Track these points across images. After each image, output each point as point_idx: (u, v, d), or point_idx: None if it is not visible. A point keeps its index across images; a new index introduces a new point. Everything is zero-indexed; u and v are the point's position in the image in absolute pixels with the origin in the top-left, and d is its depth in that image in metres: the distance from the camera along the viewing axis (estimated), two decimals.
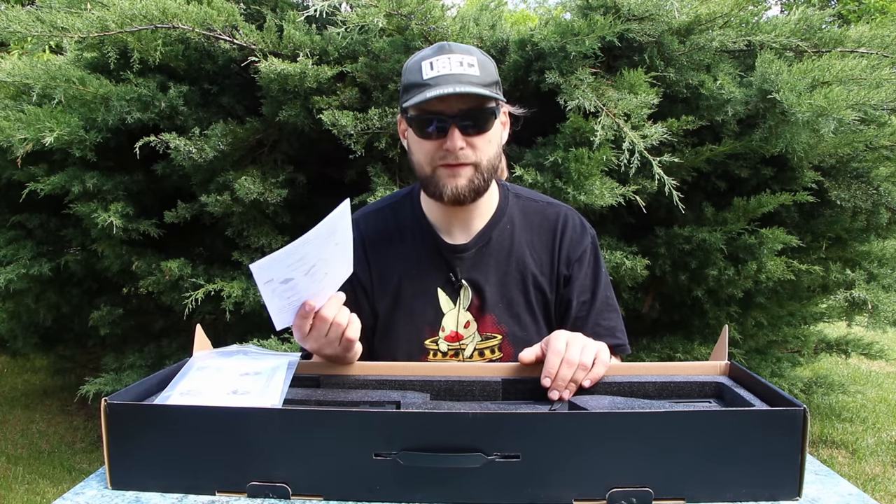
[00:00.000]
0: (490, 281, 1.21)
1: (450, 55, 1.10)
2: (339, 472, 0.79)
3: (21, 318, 3.52)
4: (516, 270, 1.21)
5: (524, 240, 1.23)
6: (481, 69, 1.10)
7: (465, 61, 1.10)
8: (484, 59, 1.14)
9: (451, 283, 1.20)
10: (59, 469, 3.15)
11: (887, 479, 3.03)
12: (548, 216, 1.25)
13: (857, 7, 12.43)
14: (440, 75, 1.09)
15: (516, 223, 1.24)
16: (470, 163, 1.12)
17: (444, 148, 1.11)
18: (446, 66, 1.09)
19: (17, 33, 2.31)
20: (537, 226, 1.24)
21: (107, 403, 0.81)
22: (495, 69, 1.15)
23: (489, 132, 1.12)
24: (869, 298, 2.88)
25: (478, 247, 1.21)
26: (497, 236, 1.22)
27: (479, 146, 1.11)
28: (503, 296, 1.20)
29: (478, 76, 1.09)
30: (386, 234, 1.26)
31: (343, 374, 1.02)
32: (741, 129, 2.49)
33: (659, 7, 2.32)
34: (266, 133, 2.62)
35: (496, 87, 1.13)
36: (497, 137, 1.16)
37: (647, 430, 0.76)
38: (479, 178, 1.13)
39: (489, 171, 1.14)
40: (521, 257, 1.22)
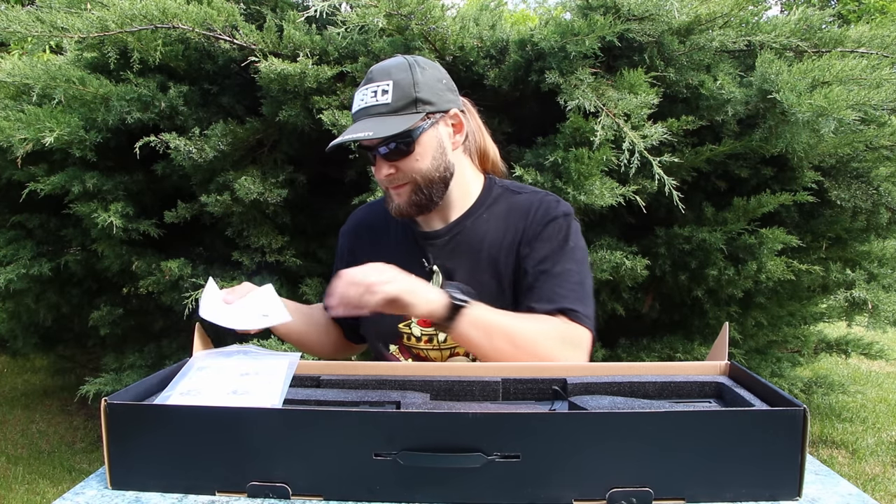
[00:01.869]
0: (461, 267, 1.22)
1: (368, 85, 1.15)
2: (339, 472, 0.79)
3: (21, 318, 3.52)
4: (489, 256, 1.21)
5: (500, 227, 1.23)
6: (394, 93, 1.12)
7: (379, 88, 1.13)
8: (403, 76, 1.14)
9: (423, 269, 1.23)
10: (59, 469, 3.15)
11: (887, 479, 3.04)
12: (526, 203, 1.25)
13: (857, 7, 12.43)
14: (357, 110, 1.15)
15: (495, 213, 1.25)
16: (405, 183, 1.17)
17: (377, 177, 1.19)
18: (364, 98, 1.15)
19: (17, 33, 2.31)
20: (515, 213, 1.24)
21: (107, 403, 0.81)
22: (420, 83, 1.14)
23: (414, 152, 1.14)
24: (869, 298, 2.88)
25: (451, 234, 1.24)
26: (471, 224, 1.24)
27: (406, 168, 1.15)
28: (474, 281, 1.21)
29: (388, 104, 1.12)
30: (374, 224, 1.34)
31: (343, 374, 1.02)
32: (741, 129, 2.49)
33: (659, 7, 2.32)
34: (266, 133, 2.62)
35: (413, 106, 1.13)
36: (430, 151, 1.16)
37: (647, 430, 0.76)
38: (420, 194, 1.17)
39: (431, 183, 1.17)
40: (494, 243, 1.22)
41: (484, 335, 1.07)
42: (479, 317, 1.08)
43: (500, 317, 1.11)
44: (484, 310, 1.10)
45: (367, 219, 1.37)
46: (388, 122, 1.11)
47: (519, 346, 1.08)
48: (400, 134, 1.12)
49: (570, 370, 1.00)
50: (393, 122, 1.11)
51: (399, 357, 1.27)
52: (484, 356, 1.09)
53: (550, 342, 1.10)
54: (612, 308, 2.69)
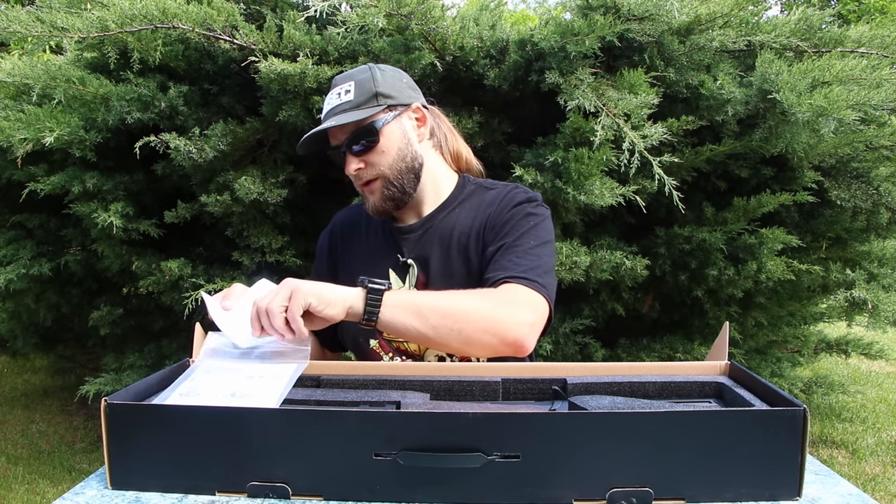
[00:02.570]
0: (434, 257, 1.24)
1: (333, 88, 1.22)
2: (339, 472, 0.79)
3: (21, 318, 3.52)
4: (458, 243, 1.24)
5: (469, 216, 1.26)
6: (356, 91, 1.19)
7: (343, 90, 1.20)
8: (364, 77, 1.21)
9: (400, 263, 1.26)
10: (59, 469, 3.15)
11: (887, 479, 3.04)
12: (496, 194, 1.28)
13: (857, 7, 12.43)
14: (324, 114, 1.21)
15: (466, 206, 1.28)
16: (374, 178, 1.21)
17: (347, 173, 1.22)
18: (329, 102, 1.21)
19: (17, 33, 2.31)
20: (485, 204, 1.27)
21: (107, 403, 0.81)
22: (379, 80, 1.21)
23: (379, 144, 1.19)
24: (869, 298, 2.88)
25: (424, 228, 1.27)
26: (443, 217, 1.27)
27: (374, 161, 1.20)
28: (445, 270, 1.24)
29: (351, 100, 1.18)
30: (354, 224, 1.37)
31: (343, 374, 1.02)
32: (741, 129, 2.49)
33: (659, 7, 2.32)
34: (266, 133, 2.62)
35: (374, 99, 1.19)
36: (396, 143, 1.21)
37: (647, 430, 0.76)
38: (391, 187, 1.21)
39: (400, 174, 1.21)
40: (463, 231, 1.25)
41: (415, 317, 1.02)
42: (404, 299, 1.04)
43: (428, 295, 1.08)
44: (407, 293, 1.13)
45: (347, 218, 1.41)
46: (349, 115, 1.17)
47: (456, 317, 1.02)
48: (363, 125, 1.17)
49: (571, 370, 1.00)
50: (354, 114, 1.17)
51: (380, 352, 1.28)
52: (426, 340, 1.04)
53: (486, 304, 1.06)
54: (612, 308, 2.69)
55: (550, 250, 1.19)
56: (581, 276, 2.39)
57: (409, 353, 1.26)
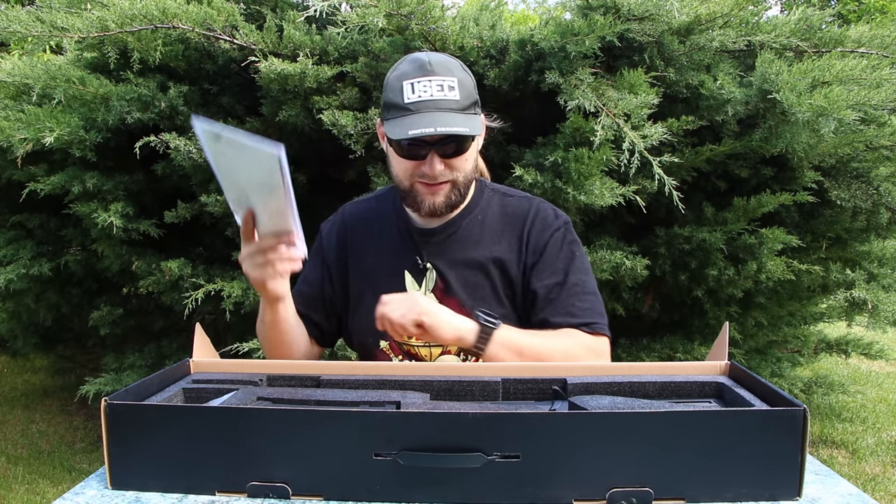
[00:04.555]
0: (455, 265, 1.23)
1: (431, 77, 1.11)
2: (339, 472, 0.79)
3: (21, 318, 3.52)
4: (483, 257, 1.23)
5: (495, 229, 1.25)
6: (461, 90, 1.12)
7: (445, 84, 1.11)
8: (464, 75, 1.15)
9: (418, 266, 1.24)
10: (59, 469, 3.15)
11: (887, 479, 3.03)
12: (520, 207, 1.28)
13: (857, 7, 12.43)
14: (421, 101, 1.10)
15: (489, 215, 1.27)
16: (448, 180, 1.16)
17: (422, 170, 1.14)
18: (427, 89, 1.10)
19: (17, 33, 2.31)
20: (510, 216, 1.26)
21: (107, 403, 0.81)
22: (474, 85, 1.17)
23: (469, 152, 1.16)
24: (869, 298, 2.88)
25: (447, 233, 1.24)
26: (467, 225, 1.25)
27: (456, 166, 1.15)
28: (468, 281, 1.22)
29: (457, 101, 1.11)
30: (366, 220, 1.32)
31: (343, 374, 1.02)
32: (741, 129, 2.49)
33: (659, 7, 2.32)
34: (266, 133, 2.62)
35: (475, 107, 1.15)
36: (475, 152, 1.20)
37: (647, 430, 0.76)
38: (456, 193, 1.18)
39: (466, 185, 1.19)
40: (488, 245, 1.24)
41: (516, 356, 1.10)
42: (509, 338, 1.11)
43: (529, 336, 1.15)
44: (512, 331, 1.13)
45: (358, 213, 1.35)
46: (460, 119, 1.10)
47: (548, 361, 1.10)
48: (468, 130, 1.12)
49: (570, 370, 1.00)
50: (467, 120, 1.11)
51: (389, 353, 1.27)
52: None
53: (577, 353, 1.15)
54: (612, 308, 2.69)
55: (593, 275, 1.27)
56: None
57: (419, 358, 1.25)
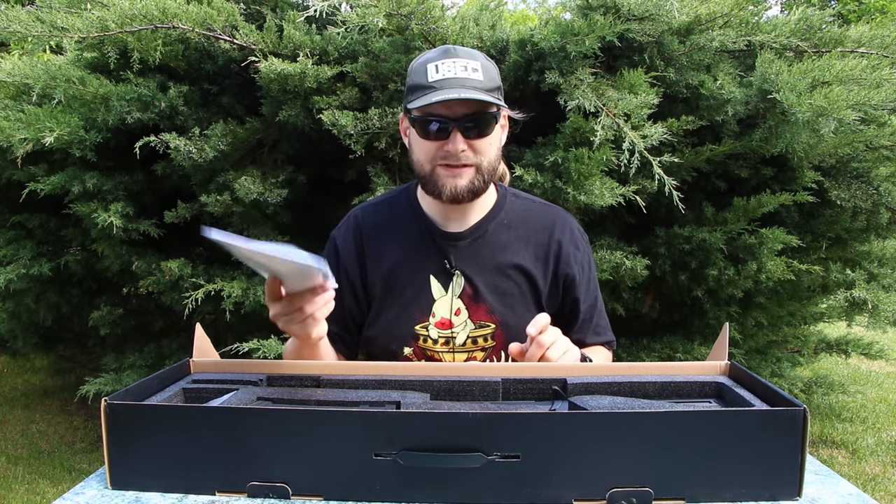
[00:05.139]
0: (484, 271, 1.23)
1: (455, 59, 1.14)
2: (339, 472, 0.79)
3: (21, 318, 3.52)
4: (510, 263, 1.23)
5: (521, 235, 1.25)
6: (485, 74, 1.14)
7: (469, 66, 1.13)
8: (488, 63, 1.17)
9: (445, 271, 1.22)
10: (59, 469, 3.15)
11: (887, 479, 3.04)
12: (545, 216, 1.29)
13: (857, 7, 12.43)
14: (445, 78, 1.12)
15: (513, 220, 1.27)
16: (471, 164, 1.15)
17: (445, 149, 1.13)
18: (451, 69, 1.12)
19: (17, 33, 2.31)
20: (534, 223, 1.27)
21: (107, 403, 0.81)
22: (498, 74, 1.19)
23: (490, 135, 1.15)
24: (869, 298, 2.88)
25: (473, 237, 1.24)
26: (493, 229, 1.25)
27: (480, 149, 1.14)
28: (497, 286, 1.22)
29: (481, 81, 1.12)
30: (382, 225, 1.29)
31: (343, 374, 1.02)
32: (741, 129, 2.49)
33: (659, 7, 2.32)
34: (266, 133, 2.62)
35: (498, 92, 1.16)
36: (497, 140, 1.19)
37: (647, 430, 0.76)
38: (479, 179, 1.16)
39: (489, 172, 1.18)
40: (516, 251, 1.24)
41: None
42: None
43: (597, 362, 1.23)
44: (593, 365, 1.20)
45: (372, 218, 1.31)
46: (485, 95, 1.11)
47: None
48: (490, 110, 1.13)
49: (570, 370, 1.00)
50: (489, 96, 1.11)
51: (412, 358, 1.26)
52: None
53: None
54: (612, 308, 2.68)
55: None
56: None
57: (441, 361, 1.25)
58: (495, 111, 1.14)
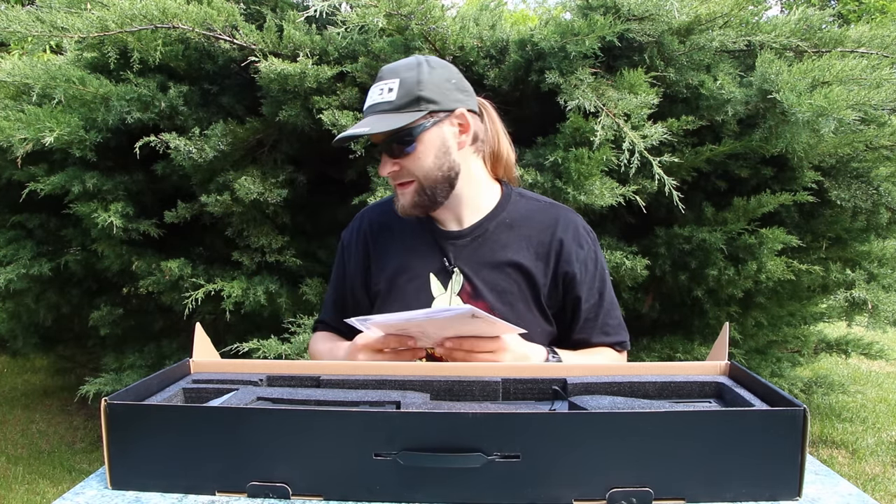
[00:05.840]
0: (482, 269, 1.23)
1: (378, 83, 1.18)
2: (339, 472, 0.79)
3: (21, 318, 3.52)
4: (509, 261, 1.23)
5: (522, 234, 1.25)
6: (399, 91, 1.14)
7: (386, 87, 1.16)
8: (410, 75, 1.16)
9: (444, 269, 1.23)
10: (59, 469, 3.15)
11: (887, 479, 3.04)
12: (548, 214, 1.28)
13: (857, 7, 12.43)
14: (366, 108, 1.18)
15: (516, 219, 1.26)
16: (409, 181, 1.18)
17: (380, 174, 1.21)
18: (372, 96, 1.18)
19: (17, 33, 2.31)
20: (537, 222, 1.26)
21: (107, 403, 0.81)
22: (425, 82, 1.15)
23: (417, 149, 1.15)
24: (869, 298, 2.88)
25: (473, 236, 1.24)
26: (494, 228, 1.25)
27: (408, 165, 1.16)
28: (495, 284, 1.22)
29: (392, 101, 1.14)
30: (387, 223, 1.31)
31: (343, 374, 1.02)
32: (741, 129, 2.49)
33: (659, 7, 2.32)
34: (266, 133, 2.62)
35: (415, 104, 1.14)
36: (433, 150, 1.16)
37: (647, 430, 0.76)
38: (423, 194, 1.18)
39: (434, 183, 1.18)
40: (516, 250, 1.23)
41: None
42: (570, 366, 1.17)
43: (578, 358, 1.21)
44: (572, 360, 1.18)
45: (377, 217, 1.34)
46: (388, 119, 1.13)
47: None
48: (400, 130, 1.13)
49: (570, 370, 1.00)
50: (394, 118, 1.13)
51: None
52: None
53: None
54: None
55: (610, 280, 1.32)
56: None
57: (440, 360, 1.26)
58: (414, 126, 1.13)
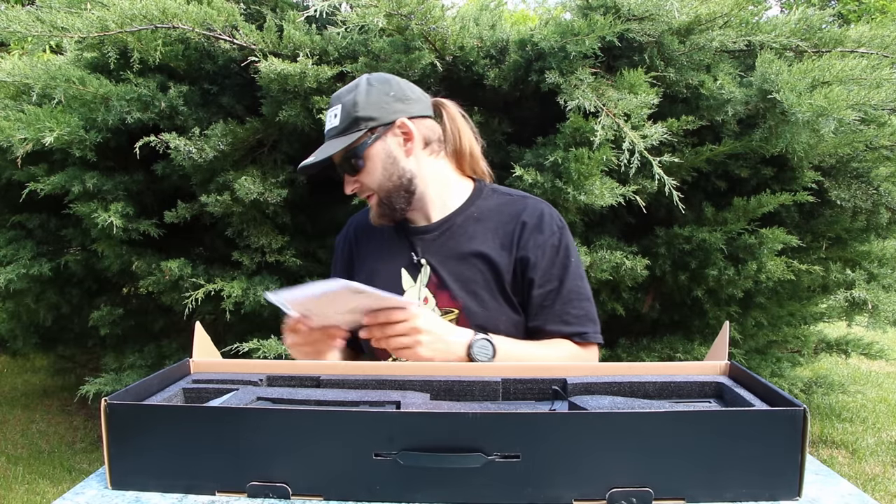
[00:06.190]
0: (448, 260, 1.27)
1: (327, 111, 1.28)
2: (339, 472, 0.79)
3: (21, 318, 3.52)
4: (475, 252, 1.26)
5: (489, 226, 1.28)
6: (341, 115, 1.24)
7: (332, 114, 1.26)
8: (349, 98, 1.24)
9: (413, 263, 1.28)
10: (59, 469, 3.15)
11: (887, 479, 3.04)
12: (517, 206, 1.30)
13: (857, 7, 12.42)
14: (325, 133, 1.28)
15: (484, 213, 1.30)
16: (370, 194, 1.27)
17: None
18: (326, 122, 1.28)
19: (17, 33, 2.31)
20: (505, 214, 1.29)
21: (107, 403, 0.81)
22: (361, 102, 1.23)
23: (367, 166, 1.24)
24: (869, 298, 2.88)
25: (441, 230, 1.29)
26: (461, 222, 1.29)
27: (364, 181, 1.26)
28: (460, 274, 1.26)
29: (337, 126, 1.24)
30: (367, 227, 1.38)
31: (343, 374, 1.02)
32: (741, 129, 2.49)
33: (659, 7, 2.32)
34: (266, 133, 2.62)
35: (356, 124, 1.22)
36: (380, 163, 1.24)
37: (647, 430, 0.76)
38: (382, 205, 1.27)
39: (389, 193, 1.25)
40: (482, 241, 1.27)
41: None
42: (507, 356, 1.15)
43: (525, 350, 1.19)
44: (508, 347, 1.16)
45: (363, 222, 1.42)
46: (335, 143, 1.22)
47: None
48: (345, 152, 1.22)
49: (570, 370, 1.00)
50: (338, 142, 1.22)
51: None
52: None
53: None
54: (612, 308, 2.69)
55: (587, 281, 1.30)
56: None
57: None
58: (357, 146, 1.22)
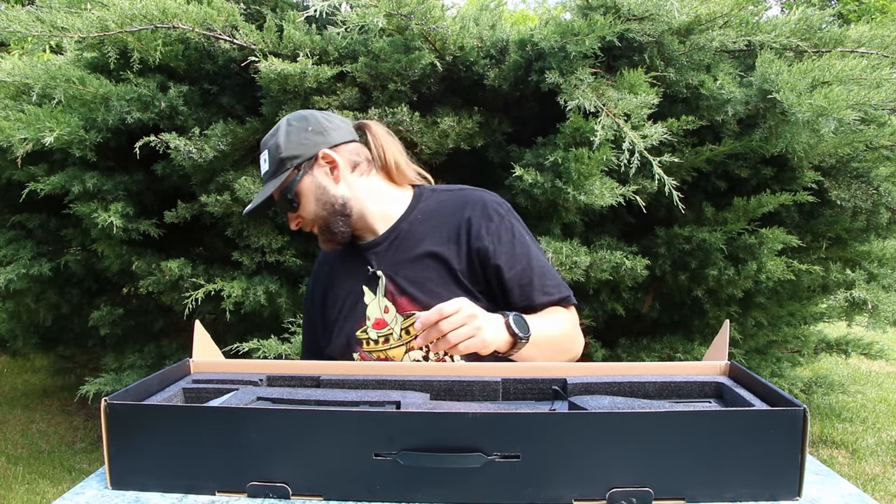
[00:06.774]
0: (401, 266, 1.29)
1: (259, 155, 1.34)
2: (339, 472, 0.79)
3: (21, 318, 3.52)
4: (425, 252, 1.28)
5: (434, 225, 1.30)
6: (269, 160, 1.30)
7: (262, 159, 1.32)
8: (272, 143, 1.30)
9: (370, 277, 1.31)
10: (59, 469, 3.15)
11: (887, 479, 3.04)
12: (458, 200, 1.32)
13: (857, 7, 12.42)
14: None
15: (427, 213, 1.32)
16: (311, 228, 1.33)
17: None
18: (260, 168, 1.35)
19: (17, 33, 2.31)
20: (448, 209, 1.31)
21: (107, 403, 0.81)
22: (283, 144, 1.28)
23: (301, 201, 1.29)
24: (869, 298, 2.88)
25: (389, 240, 1.32)
26: (407, 227, 1.31)
27: (302, 215, 1.31)
28: (415, 277, 1.27)
29: (267, 170, 1.31)
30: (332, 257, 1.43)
31: (343, 374, 1.02)
32: (741, 129, 2.49)
33: (659, 7, 2.32)
34: (266, 133, 2.61)
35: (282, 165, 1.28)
36: (312, 195, 1.29)
37: (647, 430, 0.76)
38: (324, 231, 1.32)
39: (326, 220, 1.30)
40: (430, 241, 1.29)
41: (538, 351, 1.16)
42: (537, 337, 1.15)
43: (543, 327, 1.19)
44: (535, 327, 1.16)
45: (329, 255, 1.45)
46: (267, 187, 1.29)
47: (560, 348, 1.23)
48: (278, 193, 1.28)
49: (570, 370, 1.00)
50: (270, 186, 1.29)
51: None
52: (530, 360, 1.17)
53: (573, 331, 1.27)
54: (612, 308, 2.69)
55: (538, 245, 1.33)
56: (581, 276, 2.39)
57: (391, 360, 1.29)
58: (287, 186, 1.27)
